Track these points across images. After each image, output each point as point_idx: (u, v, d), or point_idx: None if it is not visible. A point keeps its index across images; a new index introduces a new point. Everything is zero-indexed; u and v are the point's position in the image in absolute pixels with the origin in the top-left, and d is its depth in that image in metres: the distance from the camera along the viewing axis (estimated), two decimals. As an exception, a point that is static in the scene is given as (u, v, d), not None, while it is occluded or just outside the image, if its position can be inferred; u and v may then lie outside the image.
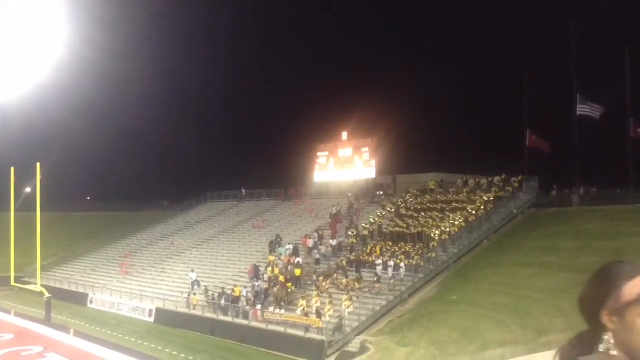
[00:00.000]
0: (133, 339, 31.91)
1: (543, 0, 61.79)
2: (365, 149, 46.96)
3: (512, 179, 37.89)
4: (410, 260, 32.51)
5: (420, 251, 33.38)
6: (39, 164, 38.38)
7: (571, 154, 37.44)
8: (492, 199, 36.51)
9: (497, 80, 56.14)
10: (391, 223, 38.17)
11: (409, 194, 41.36)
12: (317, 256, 37.54)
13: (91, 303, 43.66)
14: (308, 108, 65.91)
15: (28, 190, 51.34)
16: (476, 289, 28.55)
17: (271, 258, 38.32)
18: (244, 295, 34.87)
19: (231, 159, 74.76)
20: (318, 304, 30.83)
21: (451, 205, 37.47)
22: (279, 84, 78.13)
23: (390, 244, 35.54)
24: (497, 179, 38.49)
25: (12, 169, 41.56)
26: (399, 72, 61.14)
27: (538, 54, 52.85)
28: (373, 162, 46.35)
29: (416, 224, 36.54)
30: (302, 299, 31.80)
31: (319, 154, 50.34)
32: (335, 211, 43.39)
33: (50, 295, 36.88)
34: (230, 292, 35.32)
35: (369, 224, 38.90)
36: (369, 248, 35.92)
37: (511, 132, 43.86)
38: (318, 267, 36.45)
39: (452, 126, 59.72)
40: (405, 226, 36.56)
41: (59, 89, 45.15)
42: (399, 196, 42.59)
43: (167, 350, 29.43)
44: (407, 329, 26.73)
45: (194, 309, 36.31)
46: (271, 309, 32.37)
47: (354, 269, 34.12)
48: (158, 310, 37.92)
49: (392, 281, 31.52)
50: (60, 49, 32.64)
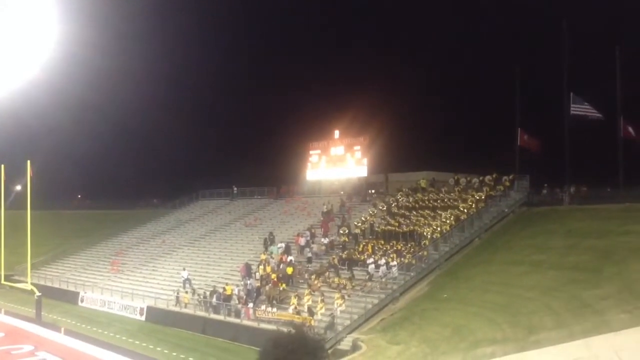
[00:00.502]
0: (124, 338, 31.85)
1: (534, -1, 61.93)
2: (357, 147, 46.98)
3: (504, 178, 38.07)
4: (402, 259, 32.60)
5: (412, 249, 33.47)
6: (29, 162, 38.25)
7: (562, 153, 37.63)
8: (483, 197, 36.66)
9: (489, 79, 56.27)
10: (383, 221, 38.27)
11: (400, 193, 41.46)
12: (309, 254, 37.58)
13: (82, 301, 43.51)
14: (300, 106, 65.82)
15: (18, 188, 51.13)
16: (467, 287, 28.66)
17: (263, 256, 38.32)
18: (236, 293, 34.85)
19: (223, 156, 74.56)
20: (310, 302, 30.86)
21: (443, 204, 37.61)
22: (271, 82, 78.01)
23: (382, 242, 35.61)
24: (488, 177, 38.67)
25: (2, 166, 41.41)
26: (391, 71, 61.16)
27: (529, 53, 53.00)
28: (365, 161, 46.40)
29: (408, 222, 36.65)
30: (294, 297, 31.84)
31: (311, 152, 50.33)
32: (326, 209, 43.45)
33: (40, 294, 36.75)
34: (222, 290, 35.31)
35: (360, 223, 38.97)
36: (361, 246, 35.99)
37: (502, 131, 44.02)
38: (310, 266, 36.50)
39: (443, 125, 59.83)
40: (397, 225, 36.66)
41: (49, 86, 44.94)
42: (390, 195, 42.70)
43: (159, 349, 29.37)
44: (399, 327, 26.80)
45: (186, 307, 36.27)
46: (263, 307, 32.38)
47: (346, 268, 34.19)
48: (149, 309, 37.85)
49: (383, 279, 31.59)
50: (51, 46, 32.51)
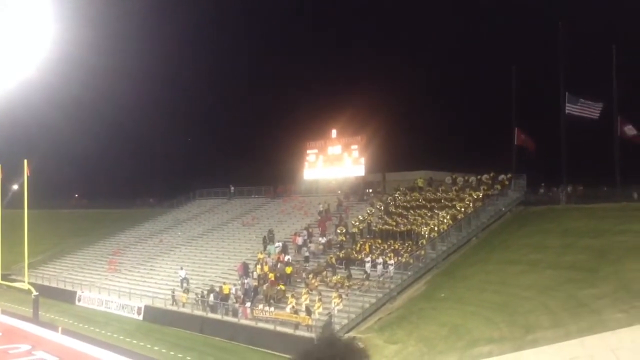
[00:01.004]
0: (121, 337, 31.83)
1: (531, -2, 61.99)
2: (355, 146, 47.02)
3: (501, 177, 38.12)
4: (399, 258, 32.64)
5: (409, 249, 33.52)
6: (26, 161, 38.19)
7: (559, 153, 37.72)
8: (480, 196, 36.73)
9: (486, 78, 56.31)
10: (380, 221, 38.31)
11: (398, 192, 41.50)
12: (307, 254, 37.60)
13: (79, 301, 43.47)
14: (297, 105, 65.75)
15: (15, 187, 51.05)
16: (464, 286, 28.72)
17: (260, 256, 38.32)
18: (233, 292, 34.86)
19: (220, 156, 74.46)
20: (307, 302, 30.90)
21: (440, 203, 37.65)
22: (268, 81, 77.96)
23: (380, 241, 35.65)
24: (485, 177, 38.73)
25: (-1, 165, 41.34)
26: (389, 70, 61.10)
27: (526, 53, 53.03)
28: (362, 160, 46.43)
29: (405, 221, 36.70)
30: (292, 296, 31.87)
31: (308, 151, 50.33)
32: (322, 209, 43.45)
33: (37, 293, 36.70)
34: (218, 289, 35.31)
35: (358, 222, 38.99)
36: (358, 246, 36.02)
37: (500, 130, 44.06)
38: (307, 265, 36.52)
39: (441, 124, 59.84)
40: (394, 224, 36.71)
41: (46, 85, 44.92)
42: (388, 194, 42.73)
43: (156, 348, 29.38)
44: (396, 326, 26.86)
45: (183, 306, 36.28)
46: (260, 306, 32.40)
47: (343, 267, 34.22)
48: (147, 308, 37.85)
49: (381, 279, 31.64)
50: (48, 46, 32.48)
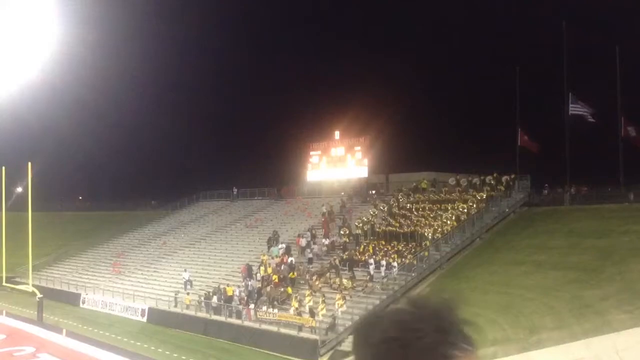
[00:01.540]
0: (125, 339, 31.81)
1: (534, -1, 62.00)
2: (358, 148, 46.99)
3: (504, 178, 38.05)
4: (403, 259, 32.60)
5: (413, 250, 33.47)
6: (30, 164, 38.27)
7: (562, 153, 37.67)
8: (484, 197, 36.66)
9: (489, 79, 56.32)
10: (384, 222, 38.26)
11: (401, 193, 41.44)
12: (310, 255, 37.56)
13: (83, 303, 43.49)
14: (300, 107, 65.97)
15: (19, 189, 51.17)
16: (468, 287, 28.65)
17: (264, 257, 38.30)
18: (237, 294, 34.85)
19: (223, 158, 74.64)
20: (311, 303, 30.86)
21: (443, 204, 37.59)
22: (271, 82, 78.06)
23: (383, 242, 35.60)
24: (489, 177, 38.65)
25: (3, 168, 41.39)
26: (391, 71, 61.20)
27: (529, 54, 53.04)
28: (365, 161, 46.40)
29: (409, 222, 36.64)
30: (295, 298, 31.83)
31: (311, 153, 50.33)
32: (326, 210, 43.39)
33: (42, 295, 36.72)
34: (222, 290, 35.30)
35: (361, 223, 38.93)
36: (362, 247, 35.97)
37: (503, 131, 44.05)
38: (311, 266, 36.47)
39: (444, 125, 59.87)
40: (397, 225, 36.65)
41: (49, 88, 45.05)
42: (391, 195, 42.68)
43: (160, 350, 29.37)
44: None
45: (187, 308, 36.26)
46: (264, 308, 32.37)
47: (347, 268, 34.16)
48: (150, 310, 37.84)
49: (384, 280, 31.59)
50: (51, 48, 32.56)
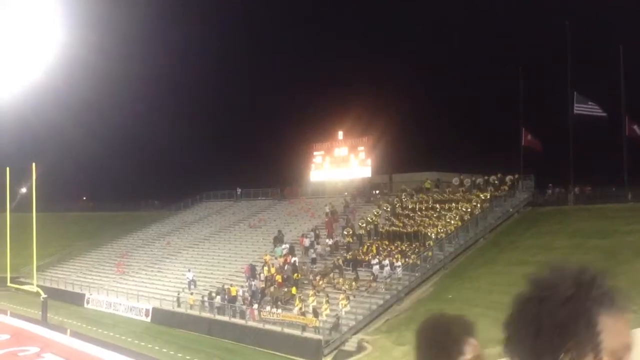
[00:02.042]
0: (130, 339, 31.88)
1: (538, -1, 61.81)
2: (361, 148, 46.97)
3: (508, 178, 37.98)
4: (407, 259, 32.58)
5: (417, 250, 33.45)
6: (34, 164, 38.34)
7: (566, 153, 37.59)
8: (488, 197, 36.61)
9: (493, 79, 56.23)
10: (387, 222, 38.24)
11: (405, 193, 41.41)
12: (314, 255, 37.56)
13: (88, 303, 43.60)
14: (303, 107, 65.91)
15: (23, 190, 51.25)
16: (472, 287, 28.64)
17: (267, 257, 38.31)
18: (241, 294, 34.89)
19: (226, 158, 74.67)
20: (314, 303, 30.88)
21: (447, 204, 37.54)
22: (274, 83, 78.10)
23: (387, 242, 35.59)
24: (493, 178, 38.59)
25: (8, 169, 41.46)
26: (394, 71, 61.13)
27: (533, 53, 52.93)
28: (369, 161, 46.37)
29: (412, 223, 36.61)
30: (299, 298, 31.85)
31: (314, 153, 50.33)
32: (328, 210, 43.36)
33: (46, 296, 36.80)
34: (227, 289, 35.34)
35: (365, 223, 38.92)
36: (365, 247, 35.96)
37: (507, 131, 43.95)
38: (314, 267, 36.48)
39: (447, 125, 59.79)
40: (401, 225, 36.63)
41: (54, 89, 45.14)
42: (395, 195, 42.63)
43: (164, 350, 29.42)
44: (404, 328, 26.78)
45: (191, 308, 36.32)
46: (268, 308, 32.40)
47: (351, 268, 34.17)
48: (155, 310, 37.91)
49: (388, 280, 31.58)
50: (55, 49, 32.64)
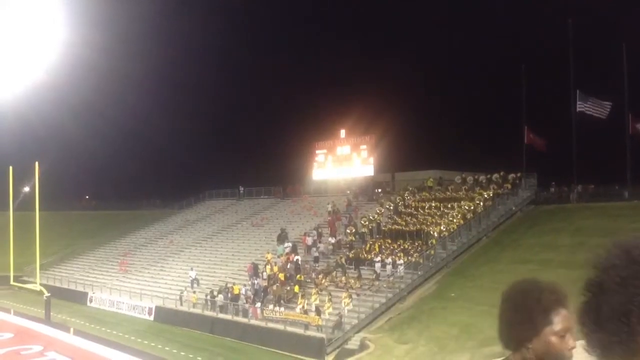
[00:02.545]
0: (133, 338, 31.95)
1: (541, -3, 61.69)
2: (364, 146, 46.93)
3: (511, 176, 37.93)
4: (409, 258, 32.57)
5: (419, 248, 33.43)
6: (37, 163, 38.39)
7: (569, 151, 37.52)
8: (490, 195, 36.56)
9: (495, 77, 56.13)
10: (390, 220, 38.23)
11: (407, 192, 41.38)
12: (316, 254, 37.57)
13: (91, 302, 43.68)
14: (306, 106, 65.87)
15: (26, 189, 51.33)
16: (475, 285, 28.61)
17: (269, 256, 38.32)
18: (243, 293, 34.92)
19: (229, 157, 74.74)
20: (317, 302, 30.90)
21: (450, 203, 37.49)
22: (276, 81, 78.11)
23: (389, 241, 35.56)
24: (495, 176, 38.54)
25: (11, 168, 41.53)
26: (397, 69, 61.04)
27: (536, 51, 52.79)
28: (371, 160, 46.34)
29: (415, 221, 36.59)
30: (301, 297, 31.87)
31: (317, 151, 50.31)
32: (331, 209, 43.36)
33: (49, 294, 36.87)
34: (229, 289, 35.37)
35: (367, 222, 38.92)
36: (368, 246, 35.95)
37: (510, 129, 43.90)
38: (317, 265, 36.50)
39: (450, 124, 59.71)
40: (403, 223, 36.61)
41: (56, 88, 45.19)
42: (397, 194, 42.62)
43: (167, 349, 29.47)
44: (407, 326, 26.80)
45: (194, 307, 36.36)
46: (270, 306, 32.43)
47: (353, 267, 34.18)
48: (158, 309, 37.97)
49: (391, 278, 31.57)
50: (58, 49, 32.68)
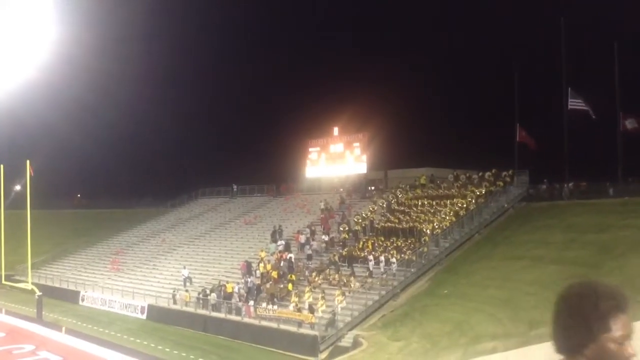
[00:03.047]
0: (125, 336, 31.85)
1: (532, -5, 61.95)
2: (357, 144, 46.92)
3: (503, 174, 38.05)
4: (402, 255, 32.64)
5: (412, 246, 33.51)
6: (28, 162, 38.22)
7: (561, 148, 37.70)
8: (483, 193, 36.68)
9: (487, 75, 56.33)
10: (383, 218, 38.29)
11: (400, 189, 41.46)
12: (309, 252, 37.59)
13: (82, 300, 43.52)
14: (299, 103, 65.93)
15: (18, 187, 51.10)
16: (467, 282, 28.71)
17: (262, 254, 38.32)
18: (237, 291, 34.89)
19: (222, 155, 74.62)
20: (310, 300, 30.91)
21: (442, 200, 37.59)
22: (269, 79, 78.04)
23: (382, 239, 35.63)
24: (487, 173, 38.65)
25: (1, 166, 41.30)
26: (390, 67, 61.10)
27: (528, 49, 52.99)
28: (364, 157, 46.36)
29: (407, 218, 36.67)
30: (295, 294, 31.88)
31: (310, 149, 50.26)
32: (324, 207, 43.38)
33: (41, 293, 36.73)
34: (222, 287, 35.32)
35: (360, 219, 38.98)
36: (361, 243, 36.00)
37: (502, 127, 44.05)
38: (310, 263, 36.51)
39: (442, 121, 59.88)
40: (396, 221, 36.68)
41: (48, 86, 44.93)
42: (390, 191, 42.69)
43: (160, 347, 29.40)
44: (400, 324, 26.86)
45: (187, 305, 36.29)
46: (264, 304, 32.41)
47: (346, 264, 34.22)
48: (150, 307, 37.88)
49: (384, 276, 31.63)
50: (49, 47, 32.47)
